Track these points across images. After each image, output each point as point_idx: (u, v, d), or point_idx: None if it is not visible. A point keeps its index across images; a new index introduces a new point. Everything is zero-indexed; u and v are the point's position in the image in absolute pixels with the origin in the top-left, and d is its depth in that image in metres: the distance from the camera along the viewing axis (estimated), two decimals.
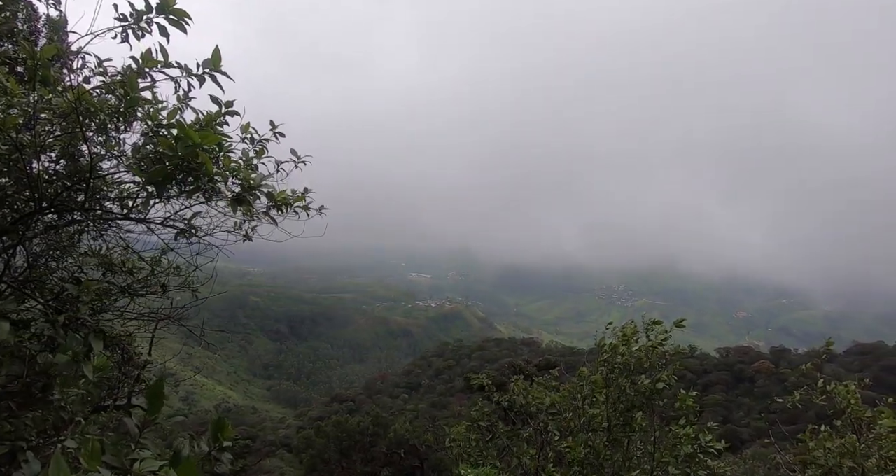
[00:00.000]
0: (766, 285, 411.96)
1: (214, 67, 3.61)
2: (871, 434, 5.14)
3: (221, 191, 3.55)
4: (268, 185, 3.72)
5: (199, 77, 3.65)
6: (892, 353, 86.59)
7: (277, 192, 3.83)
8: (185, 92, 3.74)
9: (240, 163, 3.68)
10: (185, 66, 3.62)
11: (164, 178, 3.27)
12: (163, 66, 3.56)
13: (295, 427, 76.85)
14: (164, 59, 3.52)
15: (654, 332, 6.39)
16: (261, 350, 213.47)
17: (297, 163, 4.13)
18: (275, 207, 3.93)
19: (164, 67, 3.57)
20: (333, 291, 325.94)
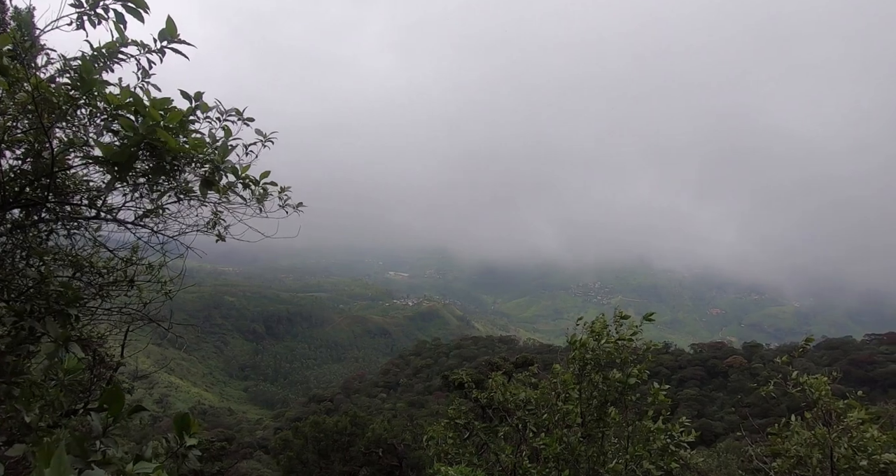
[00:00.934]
0: (739, 282, 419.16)
1: (172, 37, 3.48)
2: (840, 426, 5.27)
3: (188, 178, 3.47)
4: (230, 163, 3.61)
5: (158, 52, 3.54)
6: (860, 347, 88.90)
7: (242, 168, 3.73)
8: (144, 70, 3.62)
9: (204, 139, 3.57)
10: (142, 43, 3.50)
11: (128, 159, 3.17)
12: (120, 46, 3.45)
13: (272, 428, 76.29)
14: (120, 38, 3.41)
15: (624, 326, 6.45)
16: (237, 350, 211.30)
17: (263, 142, 4.03)
18: (242, 186, 3.82)
19: (120, 47, 3.46)
20: (310, 290, 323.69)
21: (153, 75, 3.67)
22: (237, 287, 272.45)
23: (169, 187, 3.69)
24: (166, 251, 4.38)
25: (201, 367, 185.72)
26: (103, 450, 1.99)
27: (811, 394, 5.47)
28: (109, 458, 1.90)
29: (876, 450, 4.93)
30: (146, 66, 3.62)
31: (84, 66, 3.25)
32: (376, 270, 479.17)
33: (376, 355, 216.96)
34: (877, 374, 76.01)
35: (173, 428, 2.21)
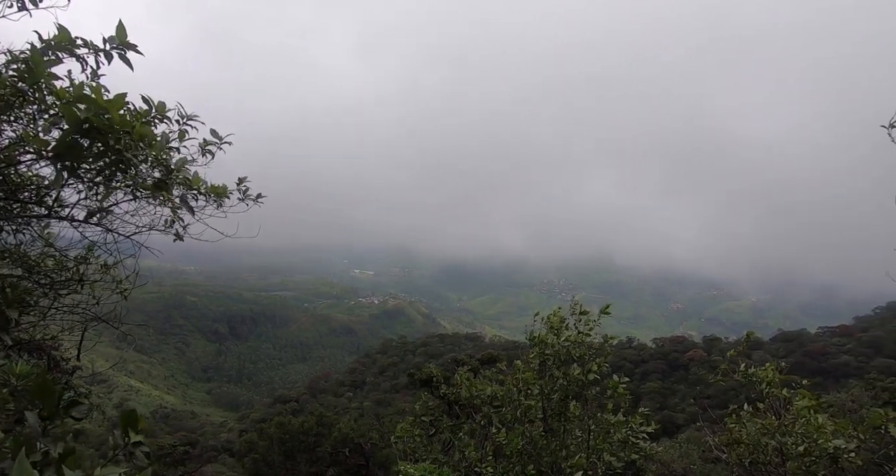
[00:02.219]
0: (698, 278, 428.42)
1: (121, 42, 3.41)
2: (789, 414, 5.46)
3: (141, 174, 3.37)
4: (185, 171, 3.53)
5: (106, 53, 3.46)
6: (814, 339, 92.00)
7: (195, 178, 3.65)
8: (93, 70, 3.52)
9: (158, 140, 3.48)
10: (91, 43, 3.41)
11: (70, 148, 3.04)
12: (67, 44, 3.34)
13: (237, 430, 75.15)
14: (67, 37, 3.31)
15: (582, 321, 6.52)
16: (199, 352, 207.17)
17: (219, 145, 3.96)
18: (193, 196, 3.75)
19: (68, 45, 3.35)
20: (274, 290, 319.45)
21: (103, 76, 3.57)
22: (198, 286, 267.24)
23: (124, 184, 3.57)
24: (120, 250, 4.24)
25: (162, 370, 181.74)
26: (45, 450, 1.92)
27: (758, 385, 5.68)
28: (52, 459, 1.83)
29: (825, 436, 5.12)
30: (94, 66, 3.51)
31: (33, 58, 3.12)
32: (341, 269, 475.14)
33: (342, 354, 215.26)
34: (829, 364, 78.75)
35: (119, 424, 2.11)
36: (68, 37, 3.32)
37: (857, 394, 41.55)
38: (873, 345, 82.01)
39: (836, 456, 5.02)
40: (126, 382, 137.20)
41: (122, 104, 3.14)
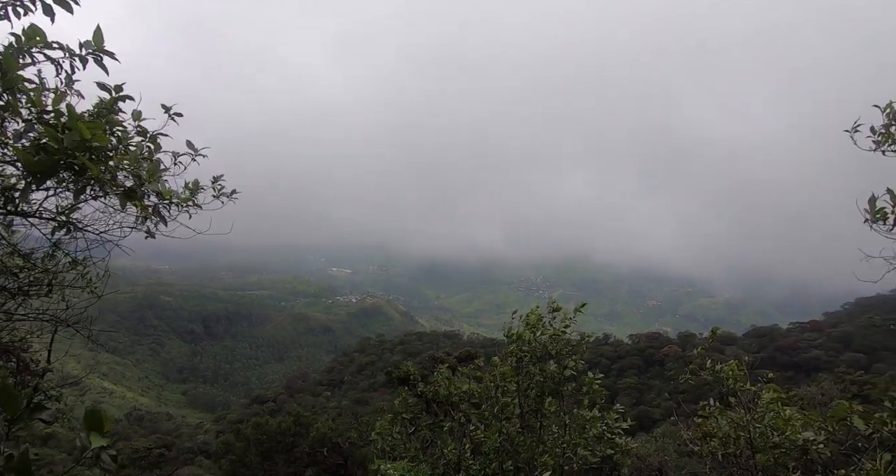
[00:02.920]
0: (673, 275, 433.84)
1: (98, 48, 3.37)
2: (758, 408, 5.60)
3: (115, 183, 3.31)
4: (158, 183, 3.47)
5: (81, 58, 3.40)
6: (786, 335, 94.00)
7: (165, 190, 3.60)
8: (68, 75, 3.47)
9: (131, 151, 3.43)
10: (67, 47, 3.36)
11: (45, 172, 3.00)
12: (42, 47, 3.28)
13: (214, 432, 74.39)
14: (41, 39, 3.24)
15: (557, 319, 6.58)
16: (174, 352, 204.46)
17: (193, 156, 3.93)
18: (164, 206, 3.70)
19: (43, 48, 3.28)
20: (250, 289, 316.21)
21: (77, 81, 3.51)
22: (173, 286, 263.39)
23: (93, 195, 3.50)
24: (90, 248, 4.15)
25: (136, 371, 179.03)
26: (8, 453, 1.88)
27: (725, 381, 5.83)
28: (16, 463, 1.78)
29: (794, 429, 5.24)
30: (69, 71, 3.45)
31: (7, 61, 3.04)
32: (318, 267, 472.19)
33: (320, 353, 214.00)
34: (801, 359, 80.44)
35: (83, 426, 2.03)
36: (44, 38, 3.25)
37: (826, 387, 42.52)
38: (842, 339, 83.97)
39: (805, 448, 5.16)
40: (99, 384, 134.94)
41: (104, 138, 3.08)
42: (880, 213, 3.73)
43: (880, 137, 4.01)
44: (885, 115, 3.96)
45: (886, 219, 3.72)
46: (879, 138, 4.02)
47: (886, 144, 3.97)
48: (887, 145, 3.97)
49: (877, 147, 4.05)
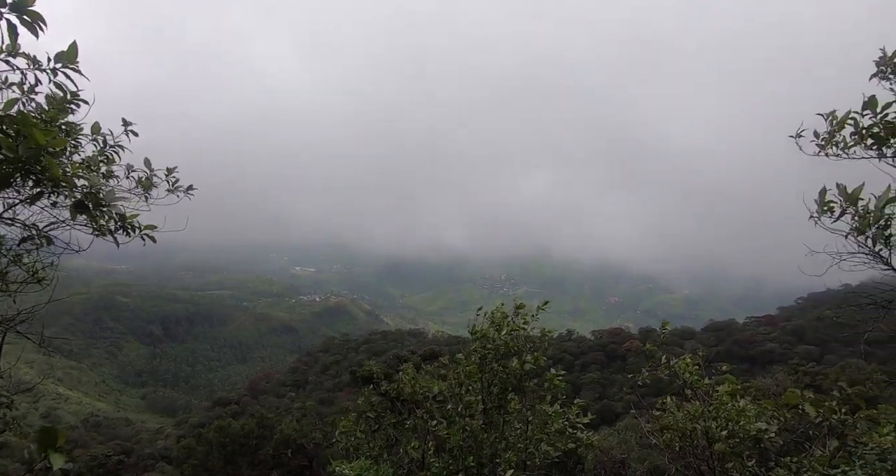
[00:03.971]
0: (634, 273, 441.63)
1: (69, 62, 3.32)
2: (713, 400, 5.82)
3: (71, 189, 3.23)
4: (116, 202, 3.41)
5: (51, 71, 3.34)
6: (742, 329, 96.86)
7: (129, 215, 3.54)
8: (31, 85, 3.42)
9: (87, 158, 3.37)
10: (34, 58, 3.31)
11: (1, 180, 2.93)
12: (8, 55, 3.21)
13: (174, 436, 72.88)
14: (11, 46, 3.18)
15: (520, 316, 6.67)
16: (132, 355, 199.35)
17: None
18: (122, 230, 3.63)
19: (9, 56, 3.22)
20: (211, 289, 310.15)
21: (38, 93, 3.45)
22: (130, 286, 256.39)
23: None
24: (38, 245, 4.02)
25: (93, 375, 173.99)
26: None
27: (681, 375, 6.04)
28: None
29: (747, 419, 5.46)
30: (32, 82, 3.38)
31: None
32: (281, 266, 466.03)
33: (283, 354, 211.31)
34: (756, 352, 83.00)
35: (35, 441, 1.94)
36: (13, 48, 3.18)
37: (780, 378, 44.02)
38: (796, 333, 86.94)
39: (758, 437, 5.37)
40: (54, 390, 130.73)
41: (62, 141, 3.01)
42: (827, 206, 3.92)
43: (823, 142, 4.23)
44: (828, 123, 4.17)
45: (833, 212, 3.91)
46: (823, 142, 4.24)
47: (829, 148, 4.20)
48: (829, 149, 4.20)
49: (820, 150, 4.27)
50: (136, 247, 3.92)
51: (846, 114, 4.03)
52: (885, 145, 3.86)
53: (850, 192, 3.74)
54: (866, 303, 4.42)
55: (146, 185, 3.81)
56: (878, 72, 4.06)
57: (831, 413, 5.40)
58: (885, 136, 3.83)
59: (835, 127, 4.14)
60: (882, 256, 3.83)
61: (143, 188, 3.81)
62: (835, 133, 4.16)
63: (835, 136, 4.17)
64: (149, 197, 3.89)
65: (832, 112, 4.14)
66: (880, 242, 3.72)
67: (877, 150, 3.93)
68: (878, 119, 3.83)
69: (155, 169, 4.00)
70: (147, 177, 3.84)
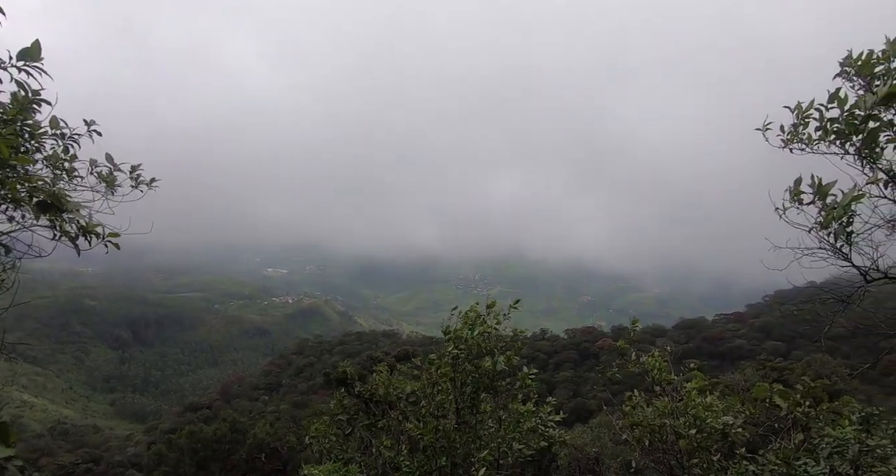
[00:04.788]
0: (606, 272, 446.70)
1: (32, 60, 3.24)
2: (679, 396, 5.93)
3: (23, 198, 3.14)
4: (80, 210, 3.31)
5: (12, 68, 3.25)
6: (711, 326, 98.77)
7: (90, 224, 3.44)
8: None
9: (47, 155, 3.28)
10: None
11: None
12: None
13: (145, 443, 71.53)
14: None
15: (492, 315, 6.69)
16: (100, 360, 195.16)
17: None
18: (84, 236, 3.55)
19: None
20: (181, 291, 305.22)
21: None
22: (98, 289, 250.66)
23: None
24: None
25: (59, 382, 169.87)
26: None
27: (650, 372, 6.16)
28: None
29: (714, 414, 5.57)
30: None
31: None
32: (253, 268, 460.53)
33: (256, 356, 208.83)
34: (725, 348, 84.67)
35: None
36: None
37: (749, 374, 44.94)
38: (763, 329, 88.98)
39: (725, 431, 5.48)
40: (19, 397, 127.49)
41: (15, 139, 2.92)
42: (798, 196, 4.00)
43: (789, 135, 4.33)
44: (794, 115, 4.26)
45: (802, 202, 3.99)
46: (788, 137, 4.33)
47: (794, 142, 4.29)
48: (794, 143, 4.30)
49: (785, 145, 4.37)
50: (104, 249, 3.82)
51: (810, 103, 4.12)
52: (848, 142, 3.96)
53: (822, 186, 3.82)
54: (827, 298, 4.53)
55: (109, 181, 3.71)
56: (842, 72, 4.17)
57: (796, 406, 5.53)
58: (847, 133, 3.92)
59: (800, 119, 4.24)
60: (843, 252, 3.93)
61: (107, 184, 3.71)
62: (800, 126, 4.26)
63: (800, 130, 4.27)
64: (113, 193, 3.79)
65: (798, 104, 4.23)
66: (842, 238, 3.82)
67: (840, 146, 4.02)
68: (844, 116, 3.93)
69: (119, 164, 3.91)
70: (110, 171, 3.73)
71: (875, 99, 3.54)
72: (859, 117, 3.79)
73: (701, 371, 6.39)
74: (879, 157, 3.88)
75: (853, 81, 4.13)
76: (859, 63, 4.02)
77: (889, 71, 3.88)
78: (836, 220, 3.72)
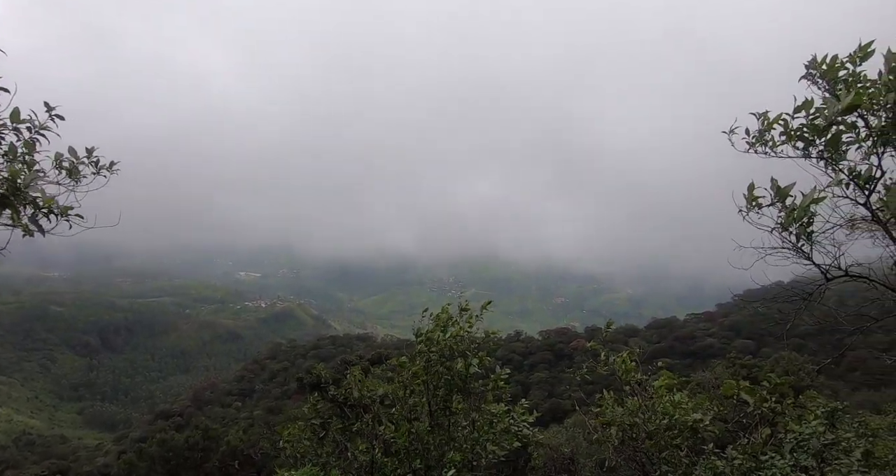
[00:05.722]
0: (579, 273, 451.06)
1: None
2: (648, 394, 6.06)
3: None
4: (36, 188, 3.24)
5: None
6: (683, 325, 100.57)
7: (46, 199, 3.38)
8: None
9: None
10: None
11: None
12: None
13: (115, 453, 70.22)
14: None
15: (464, 317, 6.72)
16: (67, 368, 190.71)
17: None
18: (44, 215, 3.46)
19: None
20: (151, 295, 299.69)
21: None
22: (64, 294, 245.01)
23: None
24: None
25: (24, 391, 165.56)
26: None
27: (618, 371, 6.30)
28: None
29: (682, 412, 5.69)
30: None
31: None
32: (225, 271, 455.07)
33: (228, 362, 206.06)
34: (697, 347, 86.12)
35: None
36: None
37: (719, 372, 45.74)
38: (733, 328, 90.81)
39: (694, 428, 5.60)
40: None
41: None
42: (755, 201, 4.11)
43: (754, 139, 4.45)
44: (759, 122, 4.39)
45: (760, 207, 4.11)
46: (753, 140, 4.46)
47: (758, 145, 4.42)
48: (759, 147, 4.42)
49: (750, 148, 4.49)
50: (72, 253, 3.74)
51: (777, 116, 4.24)
52: (812, 146, 4.08)
53: (781, 188, 3.94)
54: (789, 297, 4.67)
55: (72, 173, 3.64)
56: (807, 74, 4.30)
57: (762, 402, 5.66)
58: (811, 138, 4.05)
59: (766, 127, 4.34)
60: (804, 251, 4.06)
61: (70, 175, 3.64)
62: (765, 132, 4.37)
63: (765, 135, 4.38)
64: (77, 182, 3.72)
65: (765, 112, 4.35)
66: (803, 238, 3.94)
67: (803, 150, 4.15)
68: (808, 122, 4.05)
69: (81, 157, 3.84)
70: (72, 164, 3.66)
71: (838, 109, 3.67)
72: (822, 123, 3.92)
73: (671, 370, 6.52)
74: (842, 159, 4.00)
75: (818, 83, 4.26)
76: (824, 67, 4.16)
77: (854, 75, 4.02)
78: (796, 222, 3.84)
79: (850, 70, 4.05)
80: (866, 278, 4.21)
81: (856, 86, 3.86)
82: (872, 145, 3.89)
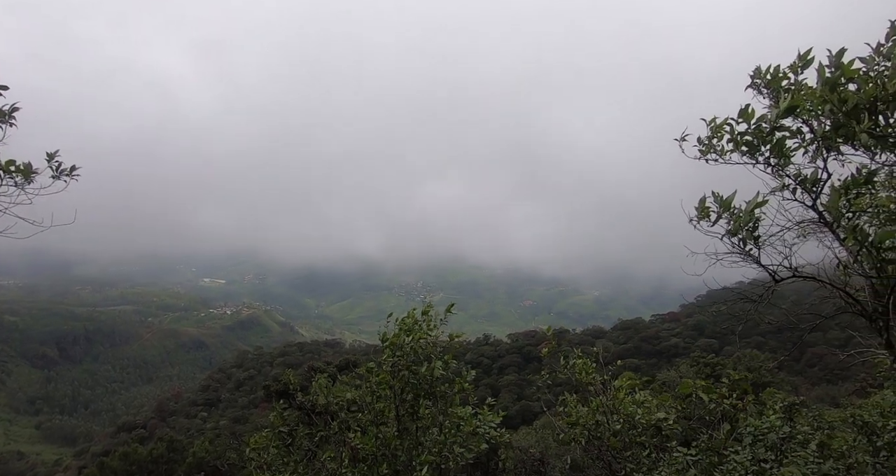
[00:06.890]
0: (546, 276, 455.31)
1: None
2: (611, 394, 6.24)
3: None
4: None
5: None
6: (648, 326, 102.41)
7: None
8: None
9: None
10: None
11: None
12: None
13: (75, 468, 68.34)
14: None
15: (426, 321, 6.78)
16: (23, 380, 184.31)
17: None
18: None
19: None
20: (111, 303, 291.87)
21: None
22: (19, 303, 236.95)
23: None
24: None
25: None
26: None
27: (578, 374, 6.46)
28: None
29: (646, 410, 5.86)
30: None
31: None
32: (189, 278, 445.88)
33: (193, 370, 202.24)
34: (662, 347, 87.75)
35: None
36: None
37: (684, 370, 46.72)
38: (697, 327, 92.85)
39: (658, 426, 5.77)
40: None
41: None
42: (705, 212, 4.28)
43: (704, 147, 4.60)
44: (709, 128, 4.53)
45: (710, 217, 4.27)
46: (703, 148, 4.61)
47: (709, 153, 4.57)
48: (709, 155, 4.57)
49: (701, 155, 4.64)
50: (27, 259, 3.68)
51: (724, 120, 4.39)
52: (757, 152, 4.25)
53: (724, 199, 4.11)
54: (739, 298, 4.86)
55: (25, 173, 3.58)
56: (752, 84, 4.48)
57: (722, 399, 5.85)
58: (756, 145, 4.21)
59: (714, 132, 4.49)
60: (752, 255, 4.24)
61: (23, 175, 3.58)
62: (714, 139, 4.51)
63: (714, 143, 4.52)
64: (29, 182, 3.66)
65: (713, 118, 4.50)
66: (750, 242, 4.11)
67: (750, 156, 4.32)
68: (752, 128, 4.21)
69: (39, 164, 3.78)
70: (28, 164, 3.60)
71: (778, 112, 3.85)
72: (766, 129, 4.09)
73: (638, 369, 6.71)
74: (788, 164, 4.18)
75: (763, 93, 4.44)
76: (768, 77, 4.34)
77: (796, 83, 4.21)
78: (742, 227, 4.02)
79: (791, 79, 4.23)
80: (815, 278, 4.40)
81: (798, 93, 4.05)
82: (817, 149, 4.07)
